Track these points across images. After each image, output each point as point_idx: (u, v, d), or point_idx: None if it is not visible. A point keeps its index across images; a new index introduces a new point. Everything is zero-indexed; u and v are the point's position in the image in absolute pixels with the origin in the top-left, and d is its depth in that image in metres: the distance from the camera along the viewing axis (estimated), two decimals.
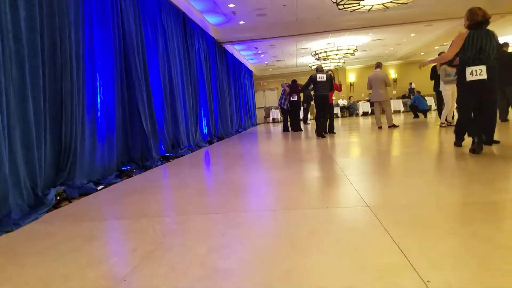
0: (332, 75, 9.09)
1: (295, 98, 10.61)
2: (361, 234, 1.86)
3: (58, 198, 3.05)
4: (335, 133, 8.74)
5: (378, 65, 9.44)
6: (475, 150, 3.92)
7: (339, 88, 9.97)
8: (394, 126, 9.18)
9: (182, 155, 6.27)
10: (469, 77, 3.90)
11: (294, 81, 11.04)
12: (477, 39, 3.90)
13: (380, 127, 9.13)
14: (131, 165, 4.64)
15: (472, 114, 4.11)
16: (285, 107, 10.84)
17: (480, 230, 1.76)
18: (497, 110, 4.61)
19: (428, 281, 1.32)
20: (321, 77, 8.12)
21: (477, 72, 3.86)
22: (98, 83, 4.35)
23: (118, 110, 4.73)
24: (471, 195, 2.43)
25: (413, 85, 18.97)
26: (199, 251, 1.79)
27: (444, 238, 1.71)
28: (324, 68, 8.75)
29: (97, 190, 3.60)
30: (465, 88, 4.02)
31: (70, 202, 3.16)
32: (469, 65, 3.90)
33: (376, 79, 9.17)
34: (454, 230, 1.81)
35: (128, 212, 2.74)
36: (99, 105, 4.33)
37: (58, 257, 1.87)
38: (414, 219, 2.00)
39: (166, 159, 5.67)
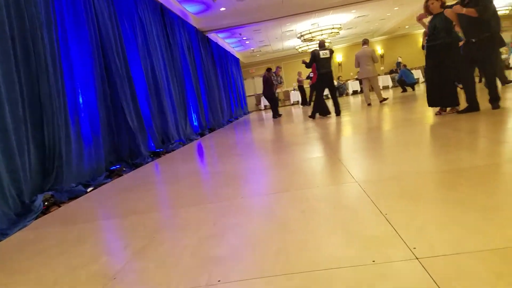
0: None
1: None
2: (350, 210, 1.87)
3: (46, 203, 3.01)
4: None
5: (365, 42, 9.40)
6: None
7: None
8: (384, 100, 9.20)
9: (173, 150, 6.23)
10: None
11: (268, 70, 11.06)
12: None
13: (369, 104, 9.12)
14: (120, 164, 4.60)
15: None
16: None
17: (462, 196, 1.78)
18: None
19: (414, 248, 1.34)
20: (324, 53, 7.73)
21: None
22: (78, 84, 4.26)
23: (102, 109, 4.65)
24: (455, 162, 2.44)
25: (400, 59, 18.94)
26: (190, 242, 1.78)
27: (429, 207, 1.72)
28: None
29: (86, 192, 3.56)
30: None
31: (59, 206, 3.12)
32: None
33: (363, 56, 9.14)
34: (438, 198, 1.82)
35: (118, 211, 2.71)
36: (81, 105, 4.25)
37: (48, 261, 1.85)
38: (401, 191, 2.01)
39: (156, 155, 5.63)
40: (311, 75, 11.64)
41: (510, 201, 1.63)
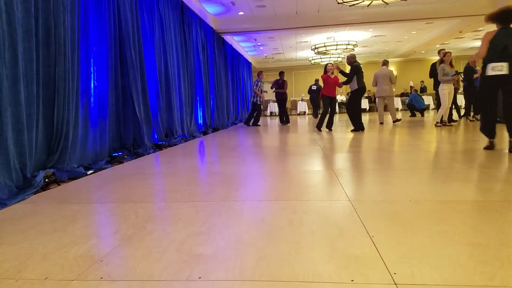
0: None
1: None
2: (337, 226, 1.91)
3: (47, 180, 3.09)
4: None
5: (385, 63, 9.66)
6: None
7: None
8: (397, 120, 9.35)
9: (175, 144, 6.30)
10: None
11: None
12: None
13: (381, 123, 9.30)
14: (122, 151, 4.68)
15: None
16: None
17: (450, 228, 1.81)
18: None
19: (395, 273, 1.37)
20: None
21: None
22: (92, 69, 4.36)
23: (112, 96, 4.74)
24: (449, 193, 2.48)
25: (411, 84, 18.97)
26: (177, 237, 1.83)
27: (416, 235, 1.75)
28: (328, 63, 8.63)
29: (86, 175, 3.63)
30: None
31: (59, 185, 3.20)
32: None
33: (382, 75, 9.39)
34: (427, 227, 1.85)
35: (114, 196, 2.78)
36: (92, 91, 4.34)
37: (39, 236, 1.91)
38: (391, 215, 2.05)
39: (158, 147, 5.71)
40: (313, 87, 11.78)
41: (496, 240, 1.65)
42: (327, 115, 8.35)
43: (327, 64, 8.31)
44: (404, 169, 3.44)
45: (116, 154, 4.50)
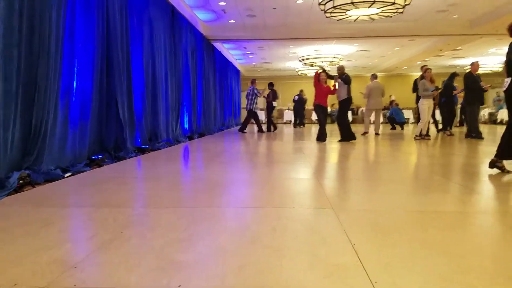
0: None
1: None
2: (320, 234, 1.89)
3: (21, 182, 2.96)
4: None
5: (376, 77, 10.00)
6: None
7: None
8: (378, 134, 9.58)
9: (159, 149, 6.20)
10: None
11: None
12: None
13: (366, 133, 9.58)
14: (103, 154, 4.56)
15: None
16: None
17: (431, 238, 1.83)
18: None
19: (376, 281, 1.36)
20: None
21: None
22: (76, 69, 4.26)
23: (95, 97, 4.64)
24: (430, 204, 2.50)
25: (393, 97, 19.36)
26: (157, 243, 1.77)
27: (397, 244, 1.76)
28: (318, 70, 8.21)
29: (63, 177, 3.51)
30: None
31: (34, 187, 3.07)
32: None
33: (376, 88, 9.67)
34: (408, 237, 1.86)
35: (92, 200, 2.69)
36: (74, 90, 4.23)
37: (10, 240, 1.82)
38: (373, 224, 2.05)
39: (141, 151, 5.60)
40: (296, 98, 11.96)
41: (475, 250, 1.68)
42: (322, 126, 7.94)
43: (319, 72, 7.94)
44: (385, 180, 3.47)
45: (96, 157, 4.38)
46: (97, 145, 4.77)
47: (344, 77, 7.90)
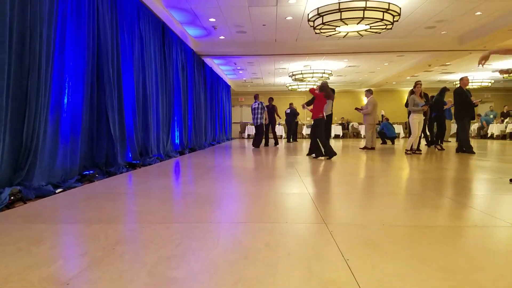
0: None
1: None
2: (313, 250, 1.90)
3: (12, 198, 2.92)
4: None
5: (372, 92, 10.15)
6: None
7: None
8: (365, 148, 9.69)
9: (150, 164, 6.18)
10: None
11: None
12: None
13: (373, 148, 9.74)
14: (94, 170, 4.52)
15: None
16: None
17: (422, 253, 1.85)
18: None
19: None
20: None
21: None
22: (66, 84, 4.26)
23: (86, 112, 4.63)
24: (422, 219, 2.54)
25: (383, 112, 19.70)
26: (149, 260, 1.76)
27: (391, 258, 1.77)
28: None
29: (55, 193, 3.48)
30: None
31: (25, 203, 3.03)
32: None
33: (376, 104, 9.89)
34: (401, 252, 1.87)
35: (83, 217, 2.66)
36: (65, 106, 4.23)
37: (2, 257, 1.79)
38: (366, 239, 2.07)
39: (132, 166, 5.57)
40: (287, 111, 11.99)
41: (466, 265, 1.70)
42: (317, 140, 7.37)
43: (326, 82, 7.51)
44: (377, 194, 3.50)
45: (87, 173, 4.35)
46: (88, 160, 4.74)
47: (331, 92, 8.01)
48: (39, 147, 3.50)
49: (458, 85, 8.70)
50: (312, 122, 7.41)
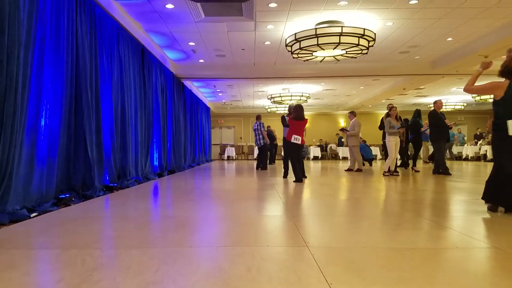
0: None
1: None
2: (295, 274, 1.89)
3: None
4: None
5: (355, 114, 10.39)
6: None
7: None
8: (350, 170, 9.87)
9: (128, 187, 6.06)
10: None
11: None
12: None
13: (361, 170, 9.80)
14: (70, 193, 4.40)
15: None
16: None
17: (406, 275, 1.87)
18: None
19: None
20: None
21: None
22: (44, 107, 4.19)
23: (63, 135, 4.55)
24: (402, 241, 2.58)
25: (360, 134, 20.12)
26: (127, 287, 1.72)
27: (373, 281, 1.78)
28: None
29: (29, 217, 3.35)
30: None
31: None
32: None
33: (359, 126, 9.98)
34: (383, 275, 1.88)
35: (59, 242, 2.57)
36: (42, 128, 4.14)
37: None
38: (349, 261, 2.08)
39: (109, 189, 5.45)
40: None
41: (447, 287, 1.72)
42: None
43: (300, 105, 7.43)
44: (358, 216, 3.55)
45: (63, 196, 4.22)
46: (64, 183, 4.61)
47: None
48: (14, 170, 3.40)
49: (433, 108, 9.01)
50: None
